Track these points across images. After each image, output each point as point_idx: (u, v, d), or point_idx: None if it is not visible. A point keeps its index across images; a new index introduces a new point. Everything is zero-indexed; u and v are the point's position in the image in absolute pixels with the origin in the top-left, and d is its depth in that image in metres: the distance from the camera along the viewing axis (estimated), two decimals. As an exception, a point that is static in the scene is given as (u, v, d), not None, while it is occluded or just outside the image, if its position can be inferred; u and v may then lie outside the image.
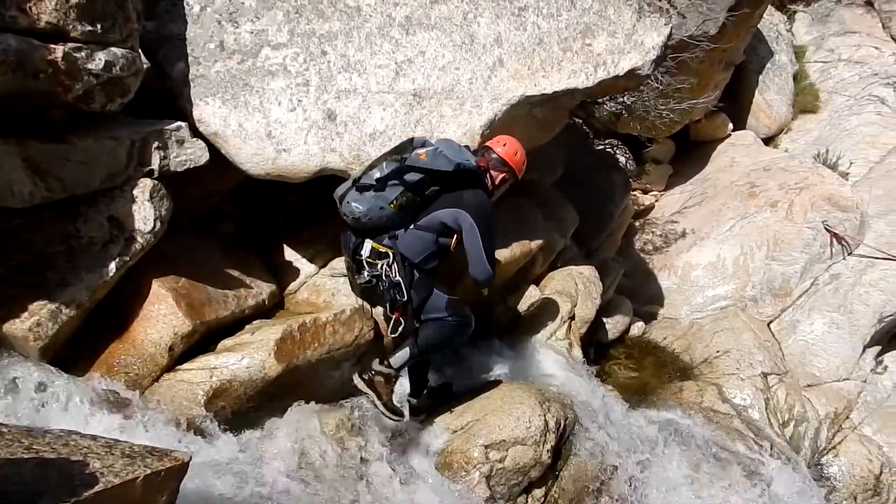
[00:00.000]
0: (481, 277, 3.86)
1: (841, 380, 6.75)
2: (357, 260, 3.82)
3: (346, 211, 3.76)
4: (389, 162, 3.68)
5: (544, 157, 5.90)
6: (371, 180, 3.66)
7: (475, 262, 3.81)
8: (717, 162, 9.02)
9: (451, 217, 3.78)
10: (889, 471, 6.29)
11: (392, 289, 3.74)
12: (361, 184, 3.69)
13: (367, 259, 3.77)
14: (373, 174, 3.67)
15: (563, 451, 4.48)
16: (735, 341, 6.63)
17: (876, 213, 7.42)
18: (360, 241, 3.80)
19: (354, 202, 3.70)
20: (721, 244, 7.58)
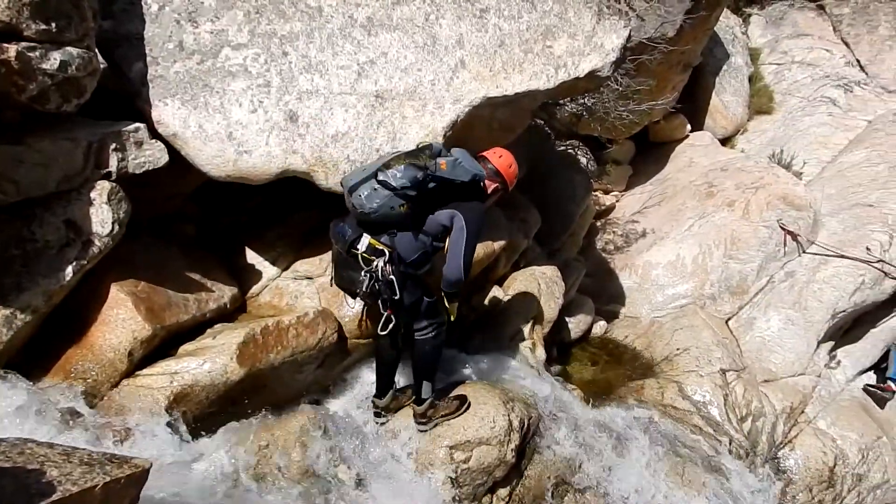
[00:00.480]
0: (453, 277, 3.84)
1: (796, 375, 6.91)
2: (352, 254, 3.78)
3: (357, 203, 3.69)
4: (409, 167, 3.65)
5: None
6: (394, 183, 3.61)
7: (452, 261, 3.83)
8: (675, 162, 9.17)
9: (447, 216, 3.83)
10: (843, 463, 6.46)
11: (385, 287, 3.75)
12: (383, 181, 3.63)
13: (364, 254, 3.75)
14: (395, 176, 3.62)
15: (528, 450, 4.53)
16: (694, 339, 6.74)
17: (828, 212, 7.62)
18: (358, 236, 3.77)
19: (367, 197, 3.65)
20: (680, 243, 7.69)
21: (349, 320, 4.52)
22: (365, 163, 4.06)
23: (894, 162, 7.71)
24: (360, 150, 4.10)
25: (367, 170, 3.72)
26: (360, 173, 3.73)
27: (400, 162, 3.67)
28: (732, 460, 5.78)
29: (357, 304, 4.45)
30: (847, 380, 7.39)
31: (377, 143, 4.13)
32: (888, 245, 7.01)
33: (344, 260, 3.89)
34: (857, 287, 6.96)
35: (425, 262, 3.90)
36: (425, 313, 4.03)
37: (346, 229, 3.82)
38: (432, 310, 4.05)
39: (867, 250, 7.00)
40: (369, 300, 3.90)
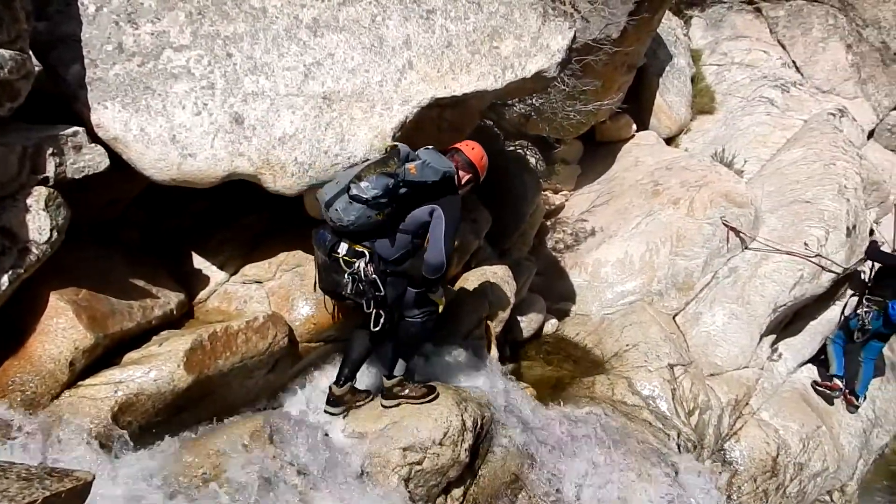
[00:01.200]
0: (434, 261, 3.97)
1: (740, 368, 7.09)
2: (333, 258, 3.93)
3: (334, 217, 3.85)
4: (379, 177, 3.79)
5: (456, 159, 5.95)
6: (366, 195, 3.76)
7: (433, 247, 3.99)
8: (622, 161, 9.32)
9: (426, 212, 4.00)
10: (785, 452, 6.67)
11: (369, 286, 3.91)
12: (355, 196, 3.78)
13: (344, 258, 3.91)
14: (366, 188, 3.76)
15: (481, 449, 4.55)
16: (643, 335, 6.86)
17: (768, 209, 7.84)
18: (337, 241, 3.93)
19: (343, 211, 3.81)
20: (628, 241, 7.81)
21: (300, 324, 4.48)
22: (313, 165, 4.05)
23: (829, 160, 7.97)
24: (307, 153, 4.06)
25: (339, 183, 3.86)
26: (334, 187, 3.87)
27: (370, 173, 3.80)
28: (681, 453, 5.90)
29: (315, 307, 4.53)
30: (788, 371, 7.63)
31: (325, 145, 4.10)
32: (825, 240, 7.26)
33: (326, 264, 4.01)
34: (796, 281, 7.17)
35: (406, 259, 4.09)
36: (414, 303, 4.24)
37: (326, 235, 3.97)
38: (421, 300, 4.25)
39: (805, 245, 7.23)
40: (355, 300, 4.01)
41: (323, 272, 4.10)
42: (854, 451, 7.41)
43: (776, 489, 6.55)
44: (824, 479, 6.97)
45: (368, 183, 3.76)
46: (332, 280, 4.02)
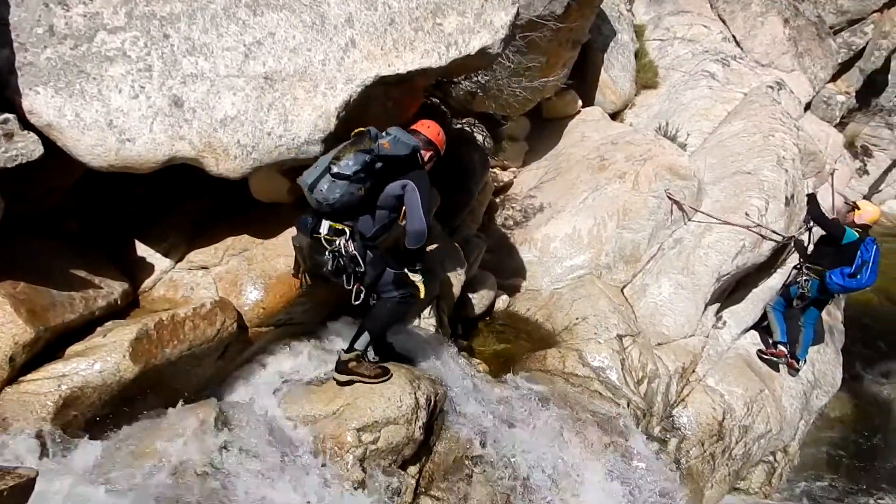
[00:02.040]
0: (417, 228, 4.23)
1: (687, 337, 7.27)
2: (315, 238, 4.14)
3: (319, 198, 4.06)
4: (357, 154, 4.04)
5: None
6: (348, 171, 4.01)
7: (413, 216, 4.24)
8: (569, 137, 9.40)
9: (398, 187, 4.25)
10: (730, 416, 6.89)
11: (350, 262, 4.15)
12: (337, 173, 4.01)
13: (326, 237, 4.12)
14: (347, 165, 4.01)
15: (436, 426, 4.60)
16: (592, 307, 6.97)
17: (711, 181, 8.01)
18: (318, 221, 4.15)
19: (328, 190, 4.03)
20: (576, 216, 7.90)
21: (249, 309, 4.44)
22: (256, 147, 4.02)
23: (768, 132, 8.18)
24: (250, 135, 4.00)
25: (318, 166, 4.09)
26: (315, 170, 4.09)
27: (348, 152, 4.05)
28: (631, 421, 6.05)
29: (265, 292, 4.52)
30: (732, 338, 7.86)
31: (268, 127, 4.04)
32: (765, 210, 7.46)
33: (310, 246, 4.20)
34: (738, 251, 7.37)
35: (384, 234, 4.38)
36: (394, 283, 4.42)
37: (308, 219, 4.18)
38: (399, 280, 4.43)
39: (746, 215, 7.42)
40: (335, 278, 4.23)
41: (306, 255, 4.28)
42: (796, 413, 7.71)
43: (722, 452, 6.78)
44: (768, 441, 7.24)
45: (348, 160, 4.01)
46: (316, 261, 4.22)
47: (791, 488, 7.35)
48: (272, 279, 4.52)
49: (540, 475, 5.01)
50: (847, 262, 7.17)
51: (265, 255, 4.59)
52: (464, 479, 4.60)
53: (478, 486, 4.63)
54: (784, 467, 7.35)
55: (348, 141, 4.15)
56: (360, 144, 4.09)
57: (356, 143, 4.11)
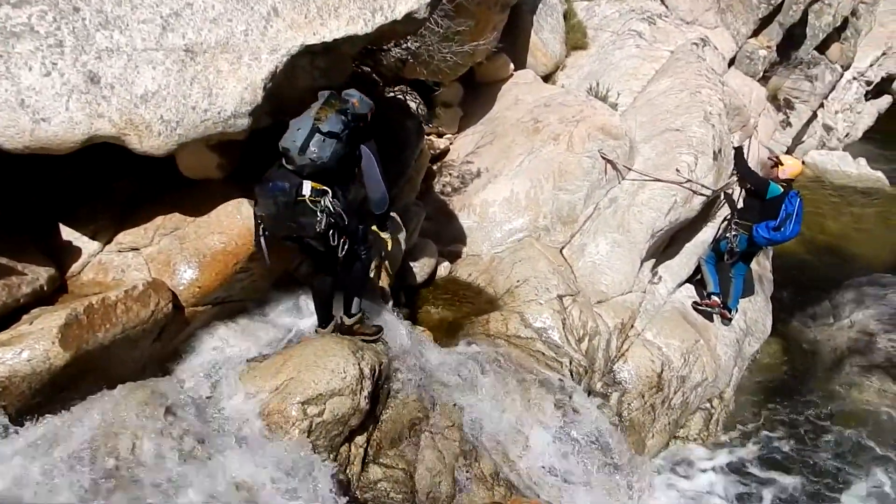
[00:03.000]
0: (379, 195, 4.69)
1: (625, 293, 7.44)
2: (299, 201, 4.15)
3: (313, 157, 4.12)
4: (335, 114, 4.19)
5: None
6: (337, 129, 4.16)
7: (373, 183, 4.64)
8: (502, 101, 9.39)
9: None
10: (668, 368, 7.12)
11: (337, 217, 4.26)
12: (329, 132, 4.14)
13: (310, 198, 4.17)
14: (333, 123, 4.15)
15: (381, 395, 4.62)
16: (532, 270, 7.05)
17: (642, 139, 8.15)
18: (299, 184, 4.16)
19: (320, 150, 4.12)
20: (513, 180, 7.93)
21: (184, 288, 4.34)
22: (181, 122, 3.88)
23: (695, 88, 8.34)
24: (174, 110, 3.86)
25: (302, 128, 4.14)
26: (300, 133, 4.12)
27: (327, 112, 4.18)
28: (573, 378, 6.19)
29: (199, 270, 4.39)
30: (668, 293, 8.09)
31: (192, 101, 3.91)
32: (694, 165, 7.63)
33: (288, 210, 4.17)
34: (671, 207, 7.53)
35: (353, 188, 4.57)
36: (361, 238, 4.64)
37: (284, 183, 4.16)
38: (365, 235, 4.71)
39: (677, 172, 7.58)
40: (321, 237, 4.31)
41: (280, 222, 4.26)
42: (730, 361, 8.01)
43: (662, 402, 7.01)
44: (705, 389, 7.52)
45: (333, 119, 4.15)
46: (297, 224, 4.23)
47: (728, 432, 7.66)
48: (206, 257, 4.42)
49: (487, 437, 5.10)
50: (772, 215, 7.44)
51: (198, 233, 4.48)
52: (412, 445, 4.65)
53: (426, 450, 4.68)
54: (720, 413, 7.66)
55: (317, 102, 4.24)
56: (331, 106, 4.21)
57: (328, 103, 4.22)
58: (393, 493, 4.35)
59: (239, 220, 4.54)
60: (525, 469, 5.17)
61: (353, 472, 4.26)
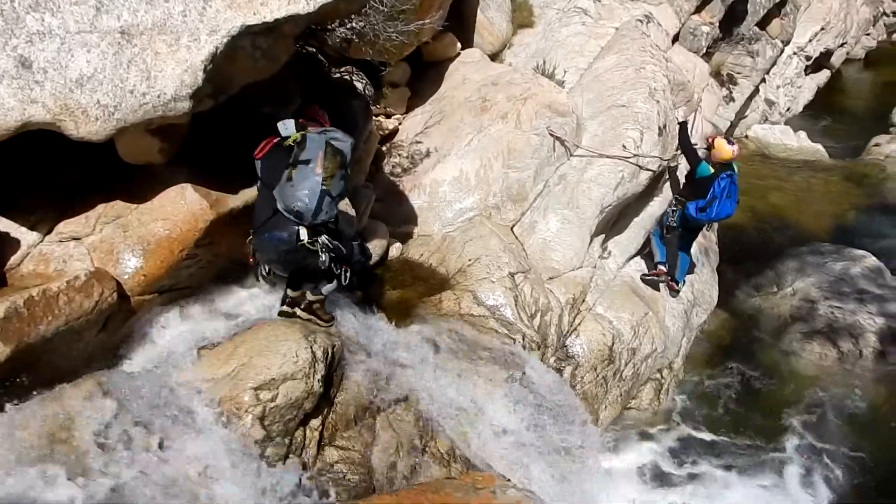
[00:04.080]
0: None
1: (575, 269, 7.53)
2: (301, 247, 4.44)
3: (324, 217, 4.48)
4: (337, 173, 4.47)
5: (278, 90, 5.75)
6: (341, 190, 4.58)
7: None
8: (450, 80, 9.35)
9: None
10: (619, 341, 7.27)
11: (336, 249, 4.60)
12: (338, 195, 4.54)
13: (309, 242, 4.45)
14: (339, 187, 4.51)
15: (335, 377, 4.61)
16: (484, 248, 7.07)
17: (589, 115, 8.20)
18: (296, 231, 4.42)
19: (328, 210, 4.49)
20: (462, 159, 7.93)
21: (129, 277, 4.25)
22: (119, 107, 3.78)
23: (640, 64, 8.42)
24: (111, 94, 3.75)
25: (310, 191, 4.35)
26: (307, 196, 4.34)
27: (330, 170, 4.42)
28: (527, 354, 6.27)
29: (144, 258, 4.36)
30: (618, 267, 8.23)
31: (130, 84, 3.80)
32: (640, 141, 7.72)
33: (289, 257, 4.56)
34: (618, 182, 7.62)
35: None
36: (359, 251, 5.10)
37: (282, 233, 4.44)
38: (361, 246, 5.19)
39: (623, 147, 7.67)
40: (328, 269, 4.65)
41: (286, 263, 4.69)
42: (678, 331, 8.21)
43: (614, 374, 7.16)
44: (654, 360, 7.70)
45: (336, 182, 4.46)
46: (304, 265, 4.65)
47: (678, 401, 7.88)
48: (151, 245, 4.34)
49: (442, 415, 5.15)
50: (702, 195, 7.62)
51: (141, 221, 4.39)
52: (368, 426, 4.66)
53: (382, 431, 4.70)
54: (670, 383, 7.87)
55: (319, 154, 4.42)
56: (335, 159, 4.45)
57: (330, 159, 4.43)
58: (350, 475, 4.37)
59: (183, 205, 4.46)
60: (481, 445, 5.23)
61: (309, 456, 4.26)
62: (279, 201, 4.42)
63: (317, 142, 4.48)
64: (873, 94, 21.51)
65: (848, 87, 21.97)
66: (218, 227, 4.63)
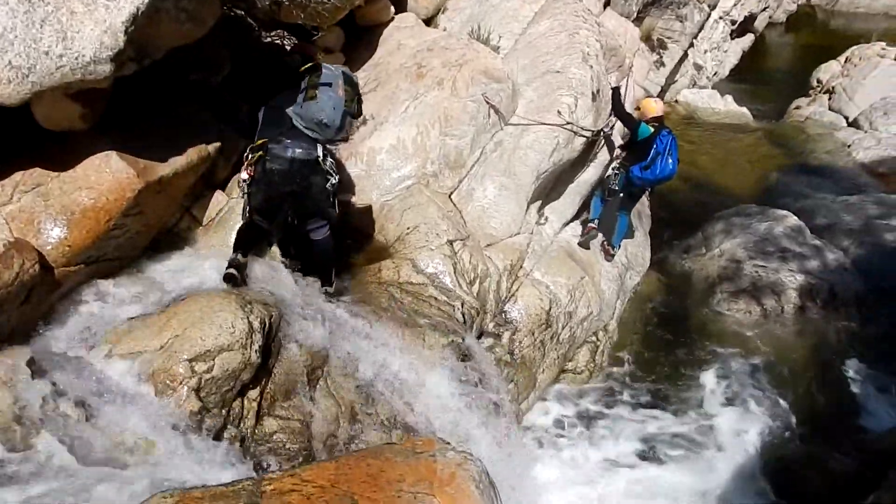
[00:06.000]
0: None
1: (513, 235, 7.58)
2: (314, 162, 4.96)
3: (342, 136, 5.19)
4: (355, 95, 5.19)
5: (206, 55, 5.56)
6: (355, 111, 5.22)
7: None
8: (385, 46, 9.20)
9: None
10: (556, 305, 7.38)
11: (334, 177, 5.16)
12: (353, 113, 5.16)
13: (321, 159, 5.02)
14: (354, 108, 5.16)
15: (273, 347, 4.55)
16: (422, 216, 7.04)
17: (524, 82, 8.21)
18: (314, 145, 4.97)
19: (348, 128, 5.18)
20: (399, 126, 7.83)
21: (52, 248, 4.08)
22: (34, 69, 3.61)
23: (573, 29, 8.45)
24: (24, 55, 3.56)
25: (336, 107, 4.91)
26: (334, 112, 4.91)
27: (350, 94, 5.11)
28: (466, 320, 6.31)
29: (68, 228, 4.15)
30: (555, 233, 8.33)
31: (45, 45, 3.61)
32: (574, 107, 7.78)
33: (301, 170, 4.94)
34: (554, 148, 7.67)
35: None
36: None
37: (301, 143, 4.93)
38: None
39: (558, 114, 7.71)
40: (317, 199, 5.13)
41: (291, 176, 4.92)
42: (613, 294, 8.40)
43: (551, 338, 7.29)
44: (590, 322, 7.86)
45: (353, 107, 5.10)
46: (306, 182, 4.99)
47: (613, 362, 8.10)
48: (76, 214, 4.17)
49: (382, 383, 5.15)
50: (644, 156, 7.76)
51: (63, 189, 4.20)
52: (307, 395, 4.63)
53: (322, 399, 4.68)
54: (605, 345, 8.06)
55: (339, 80, 5.01)
56: (352, 86, 5.12)
57: (350, 83, 5.11)
58: (289, 444, 4.34)
59: (108, 174, 4.30)
60: (420, 411, 5.26)
61: (248, 426, 4.21)
62: (298, 118, 4.90)
63: (333, 70, 5.03)
64: (794, 57, 22.34)
65: (771, 51, 22.70)
66: (147, 196, 4.49)
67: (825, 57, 17.40)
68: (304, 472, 2.99)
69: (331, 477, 2.95)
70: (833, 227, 10.36)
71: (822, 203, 11.27)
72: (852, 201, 11.22)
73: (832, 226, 10.39)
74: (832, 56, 17.13)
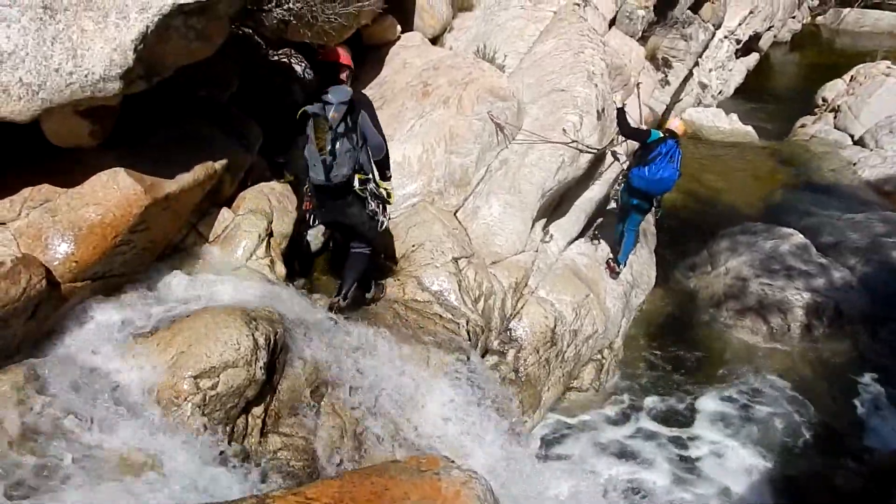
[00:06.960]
0: (377, 140, 5.30)
1: (518, 253, 7.60)
2: (352, 191, 5.28)
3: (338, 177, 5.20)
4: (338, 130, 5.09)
5: (214, 72, 5.61)
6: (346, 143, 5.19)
7: (370, 134, 5.26)
8: (391, 65, 9.28)
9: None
10: (561, 323, 7.37)
11: (377, 199, 5.46)
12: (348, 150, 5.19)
13: (359, 189, 5.29)
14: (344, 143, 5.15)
15: (278, 364, 4.54)
16: (427, 234, 7.06)
17: (529, 100, 8.26)
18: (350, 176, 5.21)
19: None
20: (405, 144, 7.88)
21: (59, 263, 4.09)
22: (44, 86, 3.64)
23: (578, 48, 8.52)
24: (35, 72, 3.60)
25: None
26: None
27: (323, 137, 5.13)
28: (471, 339, 6.30)
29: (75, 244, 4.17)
30: (560, 250, 8.34)
31: (56, 62, 3.65)
32: (580, 125, 7.83)
33: (349, 207, 5.39)
34: (559, 166, 7.71)
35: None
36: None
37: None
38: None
39: (563, 132, 7.75)
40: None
41: (339, 216, 5.52)
42: (618, 312, 8.38)
43: (556, 356, 7.27)
44: (595, 340, 7.84)
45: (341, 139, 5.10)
46: (347, 213, 5.43)
47: (618, 380, 8.06)
48: (82, 230, 4.18)
49: (386, 400, 5.13)
50: (647, 157, 7.80)
51: (71, 205, 4.22)
52: (311, 413, 4.61)
53: (326, 417, 4.66)
54: (611, 362, 8.03)
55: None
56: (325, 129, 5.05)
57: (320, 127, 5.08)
58: (293, 461, 4.31)
59: (116, 190, 4.32)
60: (425, 429, 5.24)
61: (252, 443, 4.19)
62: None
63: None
64: (799, 75, 22.37)
65: (776, 70, 22.76)
66: (154, 212, 4.51)
67: (830, 75, 17.41)
68: (309, 490, 2.98)
69: (335, 495, 2.94)
70: (839, 245, 10.33)
71: (827, 221, 11.23)
72: (858, 219, 11.19)
73: (838, 244, 10.36)
74: (837, 74, 17.14)
